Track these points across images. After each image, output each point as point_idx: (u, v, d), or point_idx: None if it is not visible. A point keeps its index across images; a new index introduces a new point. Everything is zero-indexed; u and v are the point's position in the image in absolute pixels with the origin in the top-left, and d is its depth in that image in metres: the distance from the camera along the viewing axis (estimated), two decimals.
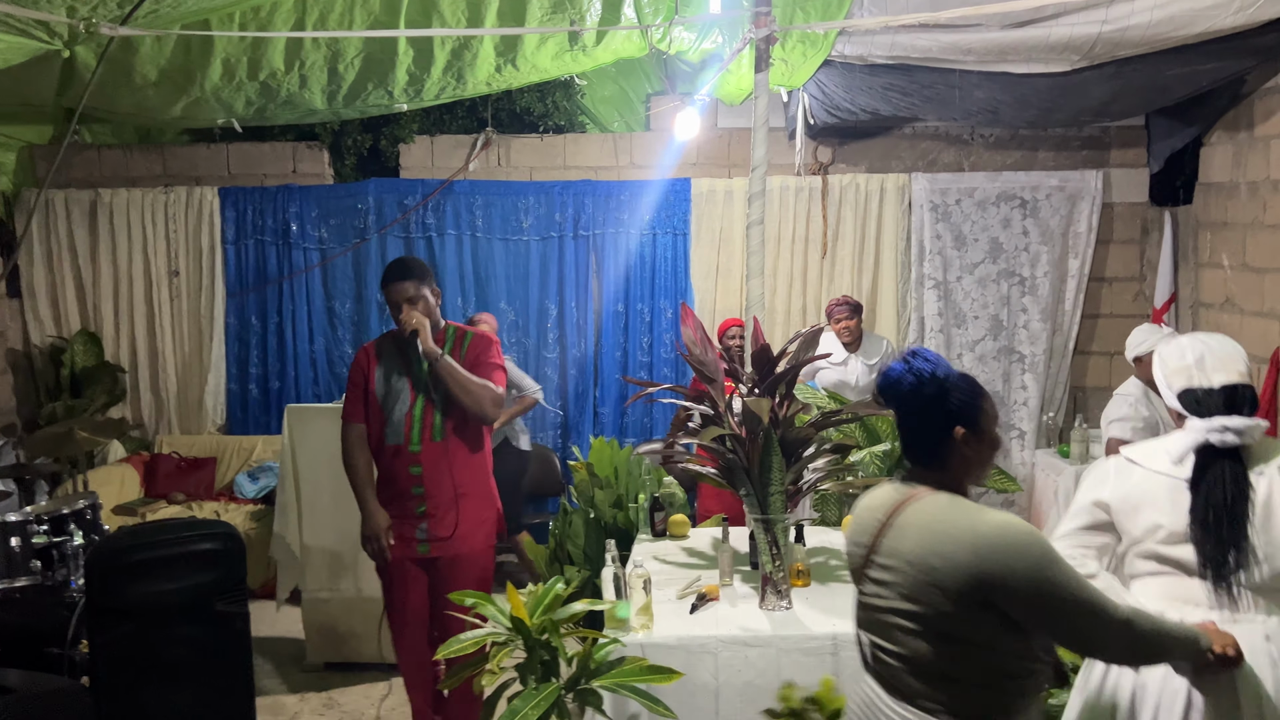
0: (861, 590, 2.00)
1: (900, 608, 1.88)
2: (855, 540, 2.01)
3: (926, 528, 1.87)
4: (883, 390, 1.98)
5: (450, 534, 3.44)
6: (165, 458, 6.02)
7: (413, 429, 3.40)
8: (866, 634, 1.99)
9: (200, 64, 4.42)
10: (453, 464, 3.42)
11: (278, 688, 4.44)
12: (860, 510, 2.04)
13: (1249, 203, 4.96)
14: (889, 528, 1.92)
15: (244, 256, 6.16)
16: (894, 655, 1.91)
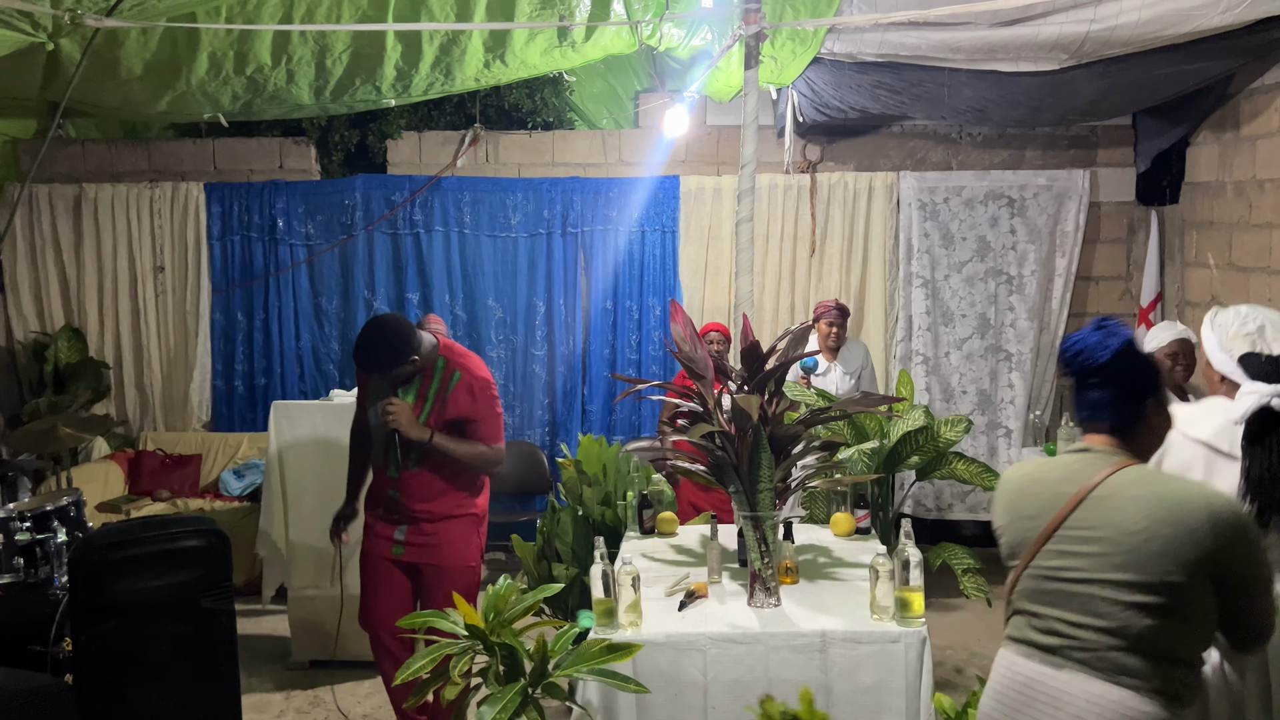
0: (1037, 564, 1.94)
1: (1111, 579, 1.84)
2: (1029, 514, 1.97)
3: (1153, 498, 1.83)
4: (1077, 358, 1.95)
5: (427, 542, 3.45)
6: (150, 455, 5.98)
7: (390, 459, 3.40)
8: (1046, 609, 1.93)
9: (186, 57, 4.39)
10: (431, 488, 3.43)
11: (263, 685, 4.41)
12: (1029, 483, 2.01)
13: (1235, 202, 4.99)
14: (1090, 499, 1.89)
15: (230, 252, 6.12)
16: (1095, 629, 1.86)
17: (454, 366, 3.38)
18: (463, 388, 3.36)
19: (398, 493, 3.44)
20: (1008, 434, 5.95)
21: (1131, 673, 1.83)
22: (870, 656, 2.76)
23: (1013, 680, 1.97)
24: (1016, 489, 2.04)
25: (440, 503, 3.45)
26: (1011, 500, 2.04)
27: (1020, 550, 1.99)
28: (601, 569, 2.83)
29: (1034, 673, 1.94)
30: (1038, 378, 5.95)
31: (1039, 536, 1.94)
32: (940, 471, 4.17)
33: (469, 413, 3.37)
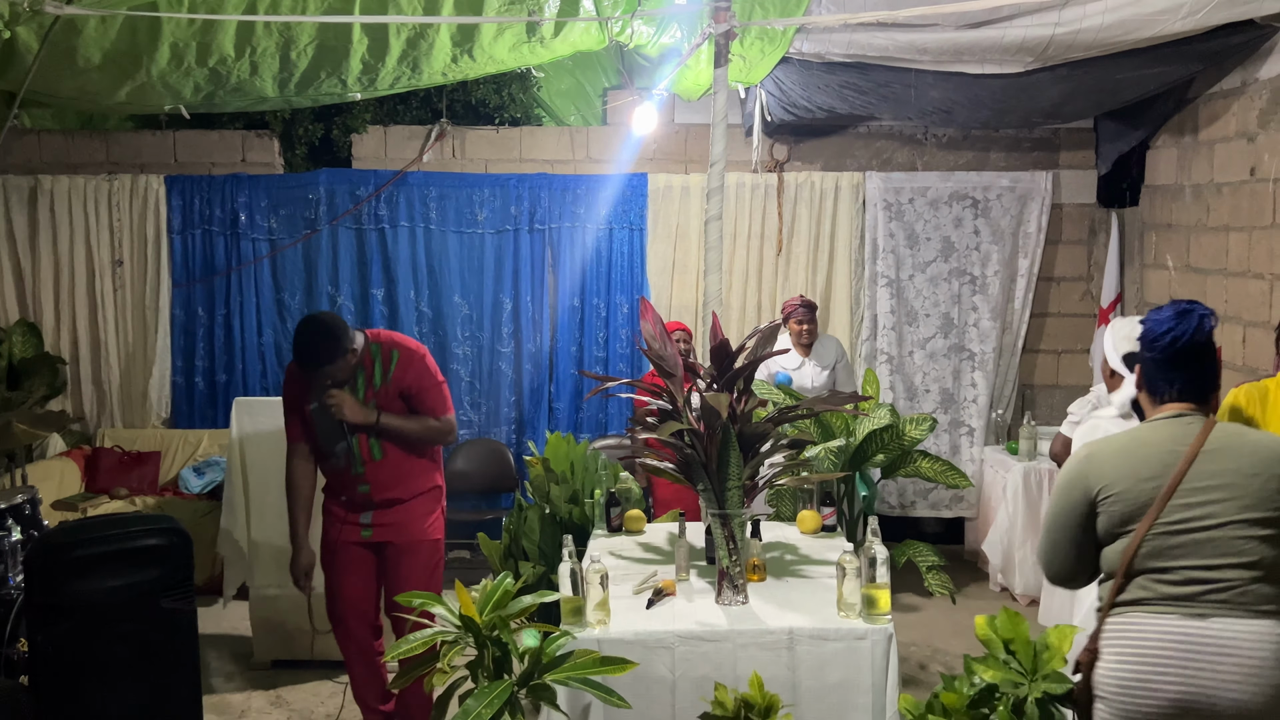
0: (1163, 520, 2.07)
1: (1243, 518, 2.04)
2: (1147, 476, 2.10)
3: (1258, 446, 2.11)
4: (1181, 338, 2.16)
5: (396, 520, 3.50)
6: (107, 451, 5.87)
7: (353, 458, 3.42)
8: (1178, 561, 2.06)
9: (147, 48, 4.30)
10: (397, 472, 3.47)
11: (224, 686, 4.35)
12: (1135, 449, 2.16)
13: (1193, 205, 5.08)
14: (1204, 454, 2.08)
15: (191, 246, 6.02)
16: (1236, 566, 2.03)
17: (389, 347, 3.42)
18: (403, 363, 3.41)
19: (367, 486, 3.47)
20: (970, 432, 6.01)
21: (1271, 600, 2.03)
22: (837, 653, 2.78)
23: (1161, 640, 2.05)
24: (1122, 457, 2.16)
25: (409, 485, 3.50)
26: (1121, 467, 2.14)
27: (1140, 513, 2.10)
28: (570, 567, 2.83)
29: (1180, 629, 2.04)
30: (1000, 377, 6.02)
31: (1163, 494, 2.08)
32: (905, 469, 4.21)
33: (415, 384, 3.42)
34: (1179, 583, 2.06)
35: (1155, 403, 2.23)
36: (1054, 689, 2.21)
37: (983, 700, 2.28)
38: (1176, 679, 2.03)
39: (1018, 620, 2.31)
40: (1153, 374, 2.23)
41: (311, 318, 3.38)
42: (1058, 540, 2.21)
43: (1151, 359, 2.22)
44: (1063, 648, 2.25)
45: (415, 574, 3.50)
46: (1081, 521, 2.17)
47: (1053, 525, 2.23)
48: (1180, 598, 2.06)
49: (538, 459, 4.22)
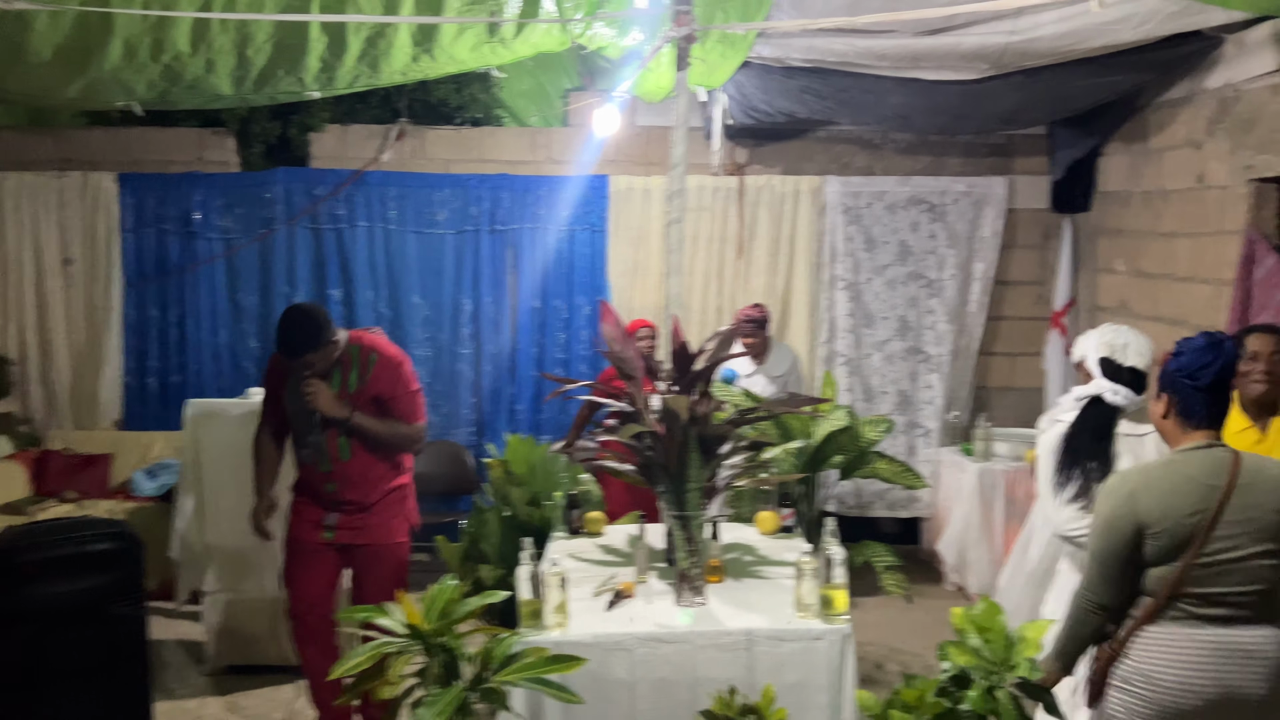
0: (1201, 552, 2.28)
1: (1260, 549, 2.28)
2: (1189, 511, 2.29)
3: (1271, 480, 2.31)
4: (1226, 367, 2.35)
5: (361, 523, 3.53)
6: (56, 454, 5.75)
7: (321, 455, 3.46)
8: (1212, 588, 2.30)
9: (99, 43, 4.22)
10: (364, 474, 3.51)
11: (176, 692, 4.29)
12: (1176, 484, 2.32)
13: (1143, 212, 5.18)
14: (1239, 488, 2.28)
15: (144, 245, 5.92)
16: (1256, 591, 2.30)
17: (369, 350, 3.48)
18: (381, 366, 3.46)
19: (334, 485, 3.49)
20: (926, 434, 6.08)
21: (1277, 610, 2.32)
22: (795, 654, 2.81)
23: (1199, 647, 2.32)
24: (1165, 494, 2.32)
25: (375, 488, 3.53)
26: (1166, 504, 2.31)
27: (1182, 545, 2.30)
28: (529, 570, 2.82)
29: (1214, 636, 2.31)
30: (956, 379, 6.10)
31: (1205, 530, 2.28)
32: (862, 470, 4.25)
33: (389, 390, 3.46)
34: (1209, 604, 2.31)
35: (1186, 429, 2.39)
36: (1026, 677, 2.24)
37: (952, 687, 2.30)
38: (1212, 679, 2.31)
39: (995, 611, 2.35)
40: (1191, 403, 2.36)
41: (296, 306, 3.44)
42: (1111, 574, 2.38)
43: (1194, 388, 2.35)
44: (1037, 640, 2.29)
45: (380, 578, 3.53)
46: (1132, 555, 2.35)
47: (1106, 560, 2.39)
48: (1209, 617, 2.31)
49: (498, 461, 4.21)
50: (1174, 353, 2.43)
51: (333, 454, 3.45)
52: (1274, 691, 2.32)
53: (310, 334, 3.32)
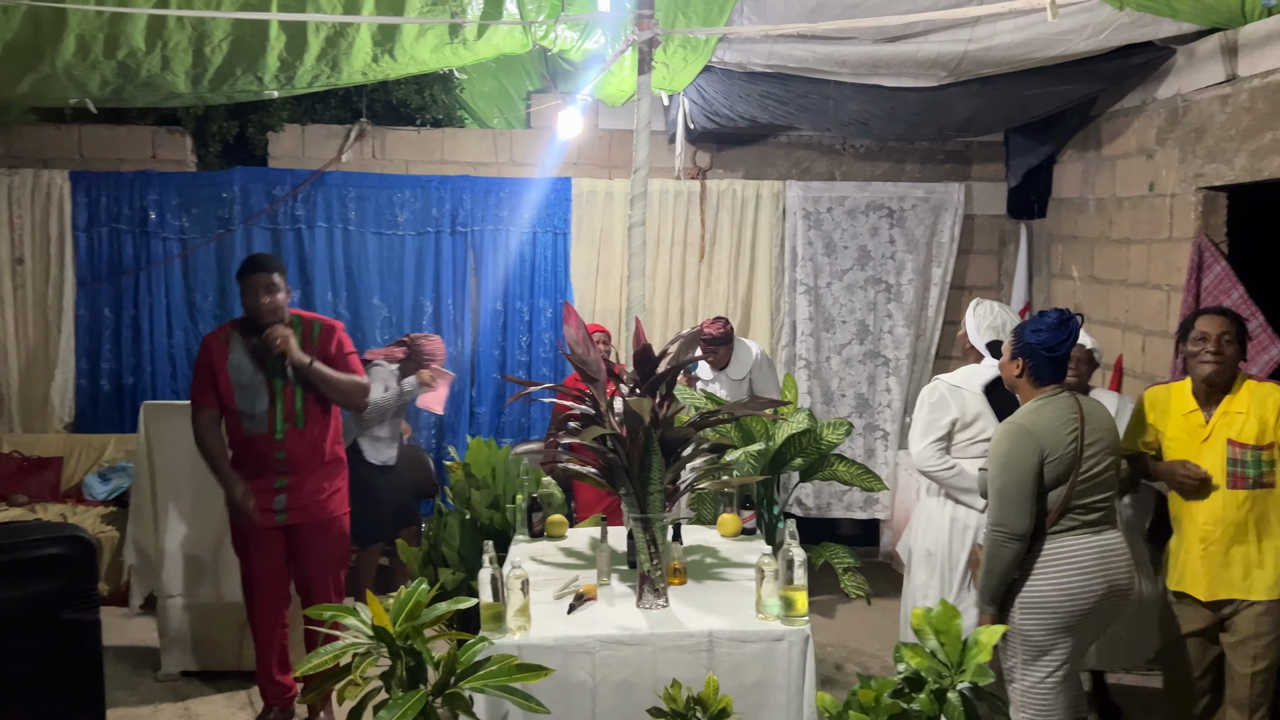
0: (1081, 472, 2.92)
1: (1108, 460, 2.97)
2: (1066, 442, 2.92)
3: (1102, 407, 3.05)
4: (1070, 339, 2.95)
5: (308, 501, 3.77)
6: (6, 457, 5.63)
7: (276, 420, 3.68)
8: (1087, 498, 2.94)
9: (51, 39, 4.14)
10: (314, 443, 3.76)
11: (129, 698, 4.21)
12: (1049, 429, 2.92)
13: (1096, 218, 5.28)
14: (1085, 418, 2.94)
15: (96, 245, 5.82)
16: (1109, 499, 3.00)
17: (309, 321, 3.79)
18: (324, 334, 3.78)
19: (284, 453, 3.71)
20: (885, 436, 6.15)
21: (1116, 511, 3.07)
22: (755, 655, 2.82)
23: (1088, 552, 2.94)
24: (1049, 430, 2.92)
25: (320, 454, 3.79)
26: (1052, 437, 2.92)
27: (1068, 468, 2.91)
28: (490, 573, 2.81)
29: (1097, 542, 2.95)
30: (914, 382, 6.16)
31: (1078, 450, 2.91)
32: (823, 473, 4.28)
33: (335, 353, 3.77)
34: (1087, 511, 2.95)
35: (1037, 385, 3.02)
36: (978, 681, 2.27)
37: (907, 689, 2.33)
38: (1101, 577, 2.94)
39: (953, 614, 2.38)
40: (1043, 367, 2.99)
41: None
42: (1021, 502, 2.91)
43: (1048, 358, 2.97)
44: (990, 644, 2.32)
45: (324, 550, 3.85)
46: (1037, 481, 2.92)
47: (1015, 490, 2.91)
48: (1091, 523, 2.95)
49: (458, 464, 4.18)
50: (1033, 328, 2.99)
51: (288, 418, 3.68)
52: (1132, 580, 3.03)
53: (274, 260, 3.72)
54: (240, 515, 3.74)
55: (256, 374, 3.67)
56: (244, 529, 3.78)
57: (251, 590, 3.85)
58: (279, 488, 3.73)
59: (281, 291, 3.67)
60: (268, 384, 3.68)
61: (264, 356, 3.68)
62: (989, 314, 3.64)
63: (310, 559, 3.84)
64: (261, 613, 3.86)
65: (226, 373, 3.67)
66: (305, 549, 3.83)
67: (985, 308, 3.68)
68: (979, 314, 3.66)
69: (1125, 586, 2.99)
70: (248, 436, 3.70)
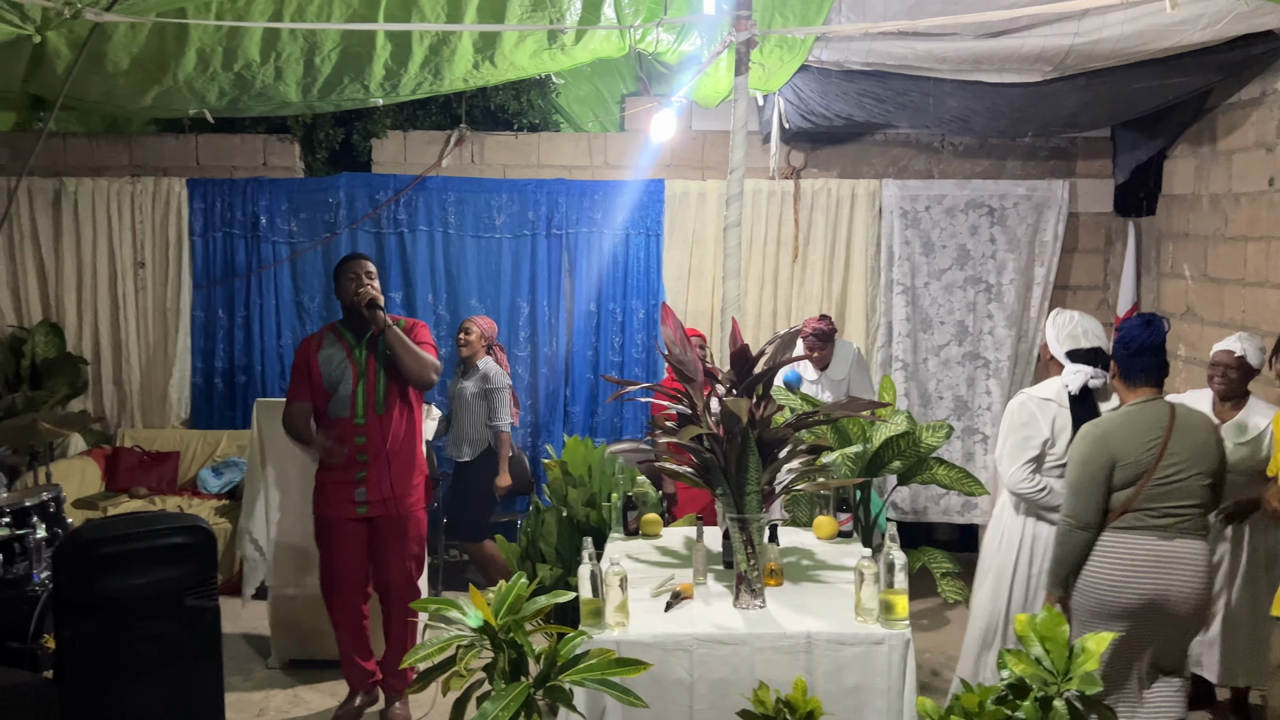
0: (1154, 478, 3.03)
1: (1197, 472, 3.04)
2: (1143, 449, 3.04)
3: (1203, 423, 3.14)
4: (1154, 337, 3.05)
5: (387, 495, 3.87)
6: (127, 451, 5.93)
7: (358, 404, 3.83)
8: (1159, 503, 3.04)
9: (174, 53, 4.35)
10: (392, 434, 3.87)
11: (242, 684, 4.39)
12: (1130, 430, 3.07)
13: (1210, 215, 5.08)
14: (1175, 430, 3.05)
15: (211, 249, 6.09)
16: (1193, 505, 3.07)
17: (398, 318, 3.96)
18: (409, 324, 3.96)
19: (364, 439, 3.84)
20: (984, 440, 6.01)
21: (1205, 527, 3.10)
22: (855, 658, 2.80)
23: (1143, 552, 3.03)
24: (1126, 436, 3.05)
25: (398, 445, 3.88)
26: (1128, 442, 3.05)
27: (1140, 473, 3.03)
28: (589, 569, 2.85)
29: (1155, 545, 3.03)
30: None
31: (1154, 461, 3.02)
32: (921, 476, 4.22)
33: (417, 338, 3.92)
34: (1160, 515, 3.04)
35: (1131, 387, 3.12)
36: (1085, 690, 2.22)
37: (1011, 696, 2.29)
38: (1152, 581, 3.02)
39: (1058, 620, 2.33)
40: (1129, 366, 3.10)
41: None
42: (1089, 498, 3.07)
43: (1127, 355, 3.08)
44: (1099, 651, 2.26)
45: (401, 547, 3.94)
46: (1107, 481, 3.05)
47: (1085, 487, 3.07)
48: (1159, 527, 3.04)
49: (556, 462, 4.25)
50: (1120, 326, 3.12)
51: (369, 405, 3.82)
52: (1199, 594, 3.05)
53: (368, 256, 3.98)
54: (332, 457, 3.83)
55: (344, 362, 3.85)
56: (326, 520, 3.92)
57: (332, 581, 3.96)
58: (359, 479, 3.85)
59: (375, 280, 3.87)
60: (353, 370, 3.83)
61: (350, 347, 3.86)
62: (1068, 323, 3.56)
63: (388, 555, 3.93)
64: (341, 603, 3.97)
65: (318, 365, 3.86)
66: (383, 545, 3.93)
67: (1065, 317, 3.60)
68: (1058, 323, 3.60)
69: (1186, 596, 3.02)
70: (331, 420, 3.85)
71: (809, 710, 2.41)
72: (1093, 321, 3.57)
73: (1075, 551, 3.09)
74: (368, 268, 3.87)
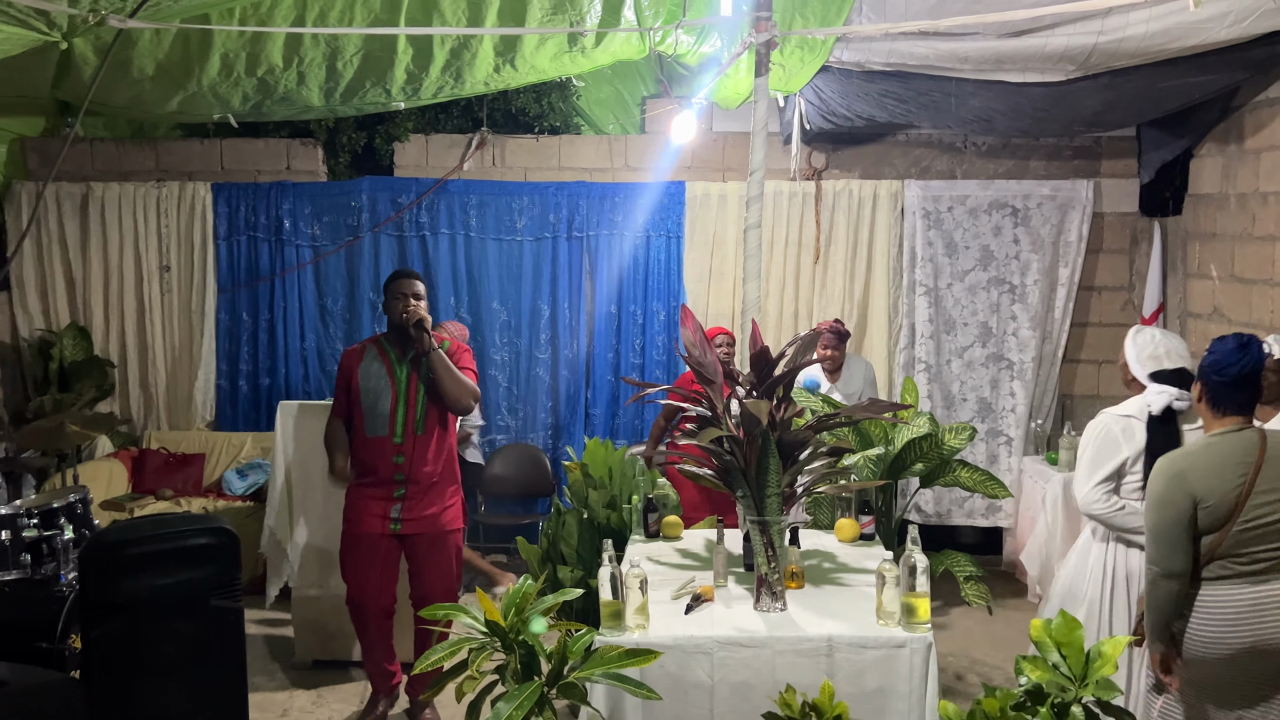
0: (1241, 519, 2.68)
1: None
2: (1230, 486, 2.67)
3: None
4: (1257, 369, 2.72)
5: (424, 514, 3.84)
6: (153, 453, 5.99)
7: (397, 423, 3.80)
8: (1250, 548, 2.69)
9: (199, 58, 4.41)
10: (430, 453, 3.84)
11: (266, 684, 4.42)
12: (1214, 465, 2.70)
13: (1238, 214, 5.02)
14: (1268, 461, 2.68)
15: (236, 252, 6.14)
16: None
17: (441, 339, 3.91)
18: (453, 348, 3.91)
19: (403, 458, 3.82)
20: (1008, 442, 5.96)
21: None
22: (876, 661, 2.79)
23: (1238, 603, 2.69)
24: (1210, 472, 2.70)
25: (436, 465, 3.86)
26: (1211, 480, 2.69)
27: (1226, 513, 2.67)
28: (610, 571, 2.85)
29: (1251, 593, 2.69)
30: (1039, 387, 5.97)
31: (1241, 498, 2.66)
32: (944, 479, 4.19)
33: (458, 362, 3.89)
34: (1249, 562, 2.69)
35: (1217, 414, 2.77)
36: (1103, 696, 2.20)
37: (1028, 702, 2.27)
38: (1248, 631, 2.68)
39: (1074, 625, 2.31)
40: (1219, 394, 2.74)
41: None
42: (1175, 542, 2.71)
43: (1221, 383, 2.73)
44: (1115, 656, 2.24)
45: (438, 565, 3.91)
46: (1191, 525, 2.70)
47: (1167, 531, 2.72)
48: (1250, 573, 2.69)
49: (576, 464, 4.26)
50: (1210, 349, 2.77)
51: (408, 425, 3.79)
52: None
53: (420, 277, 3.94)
54: (339, 482, 3.93)
55: (383, 378, 3.83)
56: (356, 535, 3.88)
57: (359, 595, 3.90)
58: (397, 496, 3.83)
59: (424, 300, 3.86)
60: (392, 387, 3.81)
61: (391, 364, 3.83)
62: (1149, 343, 3.34)
63: (426, 572, 3.90)
64: (366, 616, 3.92)
65: (358, 379, 3.85)
66: (420, 563, 3.90)
67: (1145, 336, 3.39)
68: (1139, 343, 3.37)
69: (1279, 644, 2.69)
70: (369, 439, 3.82)
71: (835, 714, 2.40)
72: (1177, 340, 3.37)
73: (1166, 601, 2.75)
74: (416, 288, 3.83)
